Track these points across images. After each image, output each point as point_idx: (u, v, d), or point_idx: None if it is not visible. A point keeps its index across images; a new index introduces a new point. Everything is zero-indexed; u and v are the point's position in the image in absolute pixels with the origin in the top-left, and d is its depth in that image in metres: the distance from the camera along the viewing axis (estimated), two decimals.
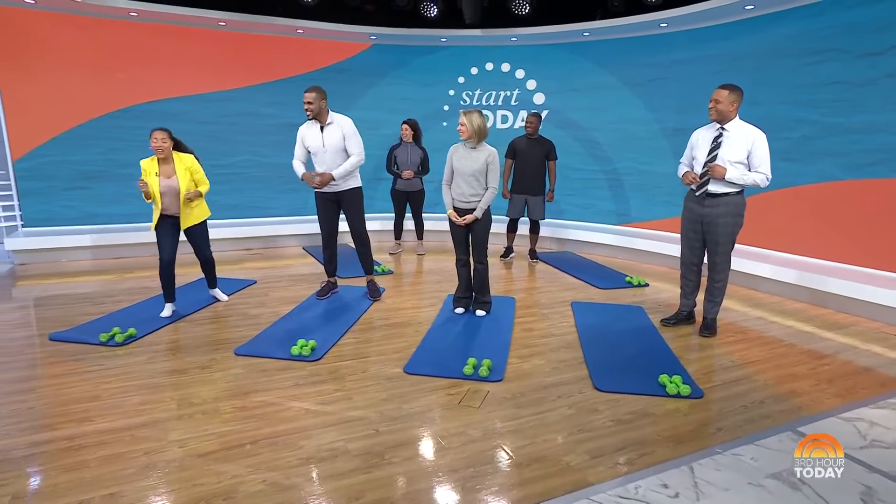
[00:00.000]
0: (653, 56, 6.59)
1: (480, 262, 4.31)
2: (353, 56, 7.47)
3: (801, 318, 4.49)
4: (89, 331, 3.86)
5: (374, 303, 4.70)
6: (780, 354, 3.72)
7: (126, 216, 6.60)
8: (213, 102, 6.89)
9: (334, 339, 3.79)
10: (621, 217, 7.06)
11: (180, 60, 6.69)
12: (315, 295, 4.81)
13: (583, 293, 5.14)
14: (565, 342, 3.87)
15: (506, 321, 4.24)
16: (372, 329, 4.11)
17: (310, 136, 4.48)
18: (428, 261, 6.47)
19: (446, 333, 3.97)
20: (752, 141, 3.71)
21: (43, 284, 5.28)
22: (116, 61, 6.42)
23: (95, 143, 6.47)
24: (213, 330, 4.04)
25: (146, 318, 4.14)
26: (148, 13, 6.20)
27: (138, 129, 6.69)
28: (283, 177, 7.00)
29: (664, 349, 3.73)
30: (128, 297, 4.78)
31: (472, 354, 3.48)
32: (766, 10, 5.55)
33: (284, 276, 5.67)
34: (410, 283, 5.43)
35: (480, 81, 7.61)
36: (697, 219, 3.91)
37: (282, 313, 4.37)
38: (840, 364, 3.56)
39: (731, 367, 3.48)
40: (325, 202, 4.63)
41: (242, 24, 6.65)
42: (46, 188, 6.37)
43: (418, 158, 6.49)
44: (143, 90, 6.58)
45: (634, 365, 3.46)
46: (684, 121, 6.34)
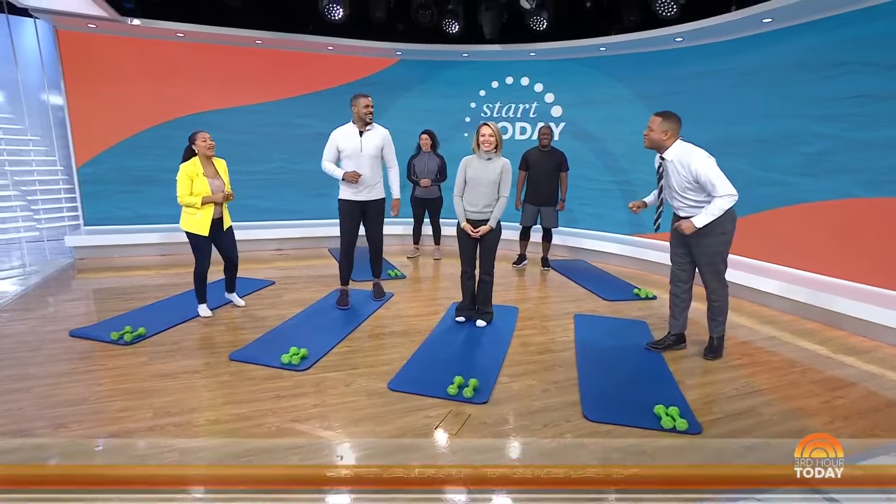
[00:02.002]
0: (668, 70, 5.93)
1: (487, 274, 3.86)
2: (381, 70, 7.10)
3: (815, 340, 3.82)
4: (105, 328, 3.62)
5: (378, 308, 4.29)
6: (791, 383, 3.11)
7: (171, 216, 6.46)
8: (250, 114, 6.66)
9: (327, 347, 3.40)
10: (634, 227, 6.44)
11: (221, 76, 6.49)
12: (336, 305, 4.31)
13: (589, 305, 4.60)
14: (561, 360, 3.37)
15: (505, 333, 3.77)
16: (368, 338, 3.70)
17: (347, 140, 4.13)
18: (442, 265, 6.04)
19: (441, 346, 3.53)
20: (690, 167, 3.08)
21: (95, 278, 5.18)
22: (165, 78, 6.29)
23: (146, 151, 6.35)
24: (218, 332, 3.72)
25: (160, 317, 3.88)
26: (192, 33, 6.02)
27: (183, 139, 6.55)
28: (314, 182, 6.70)
29: (664, 373, 3.19)
30: (155, 293, 4.56)
31: (462, 371, 3.03)
32: (784, 24, 4.84)
33: (303, 276, 5.36)
34: (419, 289, 5.01)
35: (500, 94, 7.10)
36: (682, 236, 3.29)
37: (288, 316, 4.04)
38: (858, 397, 2.93)
39: (736, 397, 2.90)
40: (353, 210, 4.24)
41: (277, 41, 6.39)
42: (105, 191, 6.29)
43: (436, 167, 6.06)
44: (187, 103, 6.41)
45: (630, 391, 2.93)
46: (697, 133, 5.68)
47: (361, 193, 4.20)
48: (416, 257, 6.39)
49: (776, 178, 5.03)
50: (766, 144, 5.08)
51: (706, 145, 3.39)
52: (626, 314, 4.36)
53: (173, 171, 6.48)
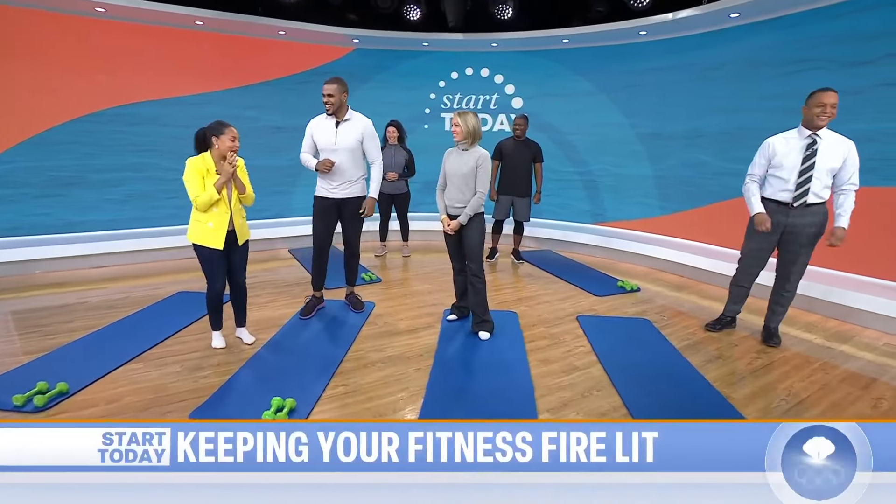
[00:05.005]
0: (629, 64, 5.26)
1: (476, 276, 3.01)
2: (337, 59, 5.88)
3: (797, 327, 3.35)
4: (5, 387, 2.33)
5: (364, 325, 3.30)
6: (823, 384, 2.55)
7: (104, 223, 4.97)
8: (192, 105, 5.20)
9: (318, 390, 2.38)
10: (596, 217, 5.81)
11: (157, 61, 4.97)
12: (298, 314, 3.41)
13: (582, 303, 3.86)
14: (593, 379, 2.59)
15: (517, 349, 2.93)
16: (365, 368, 2.70)
17: (321, 131, 3.12)
18: (415, 265, 5.07)
19: (455, 371, 2.63)
20: (848, 148, 2.70)
21: (4, 301, 3.64)
22: (89, 62, 4.70)
23: (69, 148, 4.75)
24: (172, 376, 2.55)
25: (93, 361, 2.62)
26: (116, 8, 4.50)
27: (114, 134, 5.03)
28: (269, 179, 5.46)
29: (705, 385, 2.51)
30: (88, 320, 3.24)
31: (491, 407, 2.17)
32: (750, 19, 4.29)
33: (267, 283, 4.18)
34: (401, 296, 4.03)
35: (461, 85, 6.14)
36: (778, 228, 2.87)
37: (261, 343, 2.95)
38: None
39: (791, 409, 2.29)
40: (327, 209, 3.22)
41: (221, 22, 4.98)
42: (16, 195, 4.63)
43: (403, 160, 5.04)
44: (117, 92, 4.85)
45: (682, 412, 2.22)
46: (659, 126, 5.11)
47: (337, 190, 3.18)
48: (384, 255, 5.38)
49: (739, 168, 4.52)
50: (730, 137, 4.56)
51: (672, 137, 2.82)
52: (623, 311, 3.67)
53: (104, 170, 5.06)
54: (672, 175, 5.05)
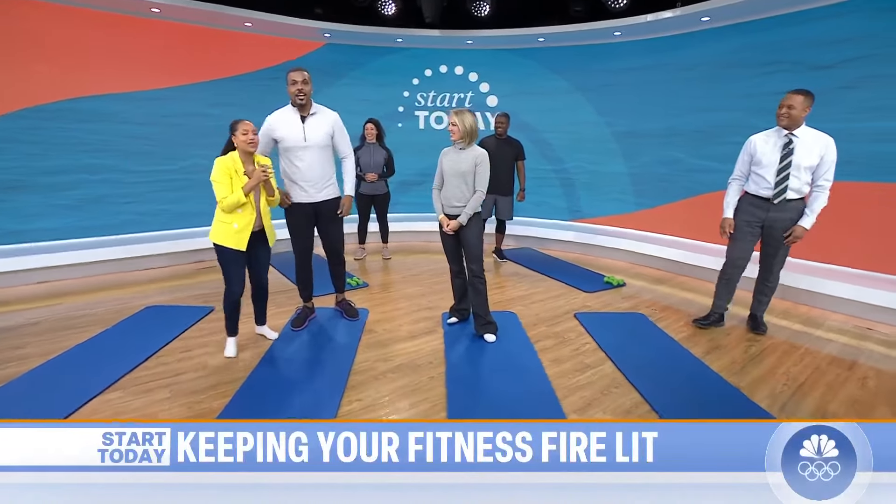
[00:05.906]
0: (605, 63, 5.36)
1: (477, 277, 2.95)
2: (308, 53, 5.61)
3: (776, 314, 3.54)
4: None
5: (362, 333, 3.14)
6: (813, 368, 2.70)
7: (54, 231, 4.46)
8: (150, 101, 4.76)
9: (333, 409, 2.21)
10: (573, 213, 5.90)
11: (103, 52, 4.50)
12: (290, 325, 3.20)
13: (575, 300, 3.87)
14: (607, 377, 2.59)
15: (527, 351, 2.88)
16: (376, 380, 2.55)
17: (286, 127, 2.86)
18: (399, 267, 4.92)
19: (471, 377, 2.55)
20: (825, 144, 2.79)
21: None
22: (21, 49, 4.18)
23: (7, 148, 4.20)
24: (161, 403, 2.28)
25: (55, 394, 2.27)
26: None
27: (60, 131, 4.52)
28: None
29: (715, 377, 2.57)
30: (37, 346, 2.84)
31: (518, 414, 2.12)
32: (719, 23, 4.50)
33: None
34: (393, 300, 3.87)
35: (434, 83, 6.04)
36: (758, 222, 3.02)
37: (256, 358, 2.74)
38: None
39: (804, 401, 2.39)
40: (303, 216, 3.01)
41: (180, 11, 4.59)
42: None
43: (382, 159, 4.87)
44: (63, 85, 4.36)
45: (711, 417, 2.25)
46: (634, 124, 5.25)
47: (314, 192, 2.98)
48: (364, 258, 5.20)
49: (711, 165, 4.74)
50: (703, 135, 4.75)
51: (647, 135, 2.92)
52: (616, 306, 3.73)
53: (52, 172, 4.53)
54: (647, 172, 5.21)
